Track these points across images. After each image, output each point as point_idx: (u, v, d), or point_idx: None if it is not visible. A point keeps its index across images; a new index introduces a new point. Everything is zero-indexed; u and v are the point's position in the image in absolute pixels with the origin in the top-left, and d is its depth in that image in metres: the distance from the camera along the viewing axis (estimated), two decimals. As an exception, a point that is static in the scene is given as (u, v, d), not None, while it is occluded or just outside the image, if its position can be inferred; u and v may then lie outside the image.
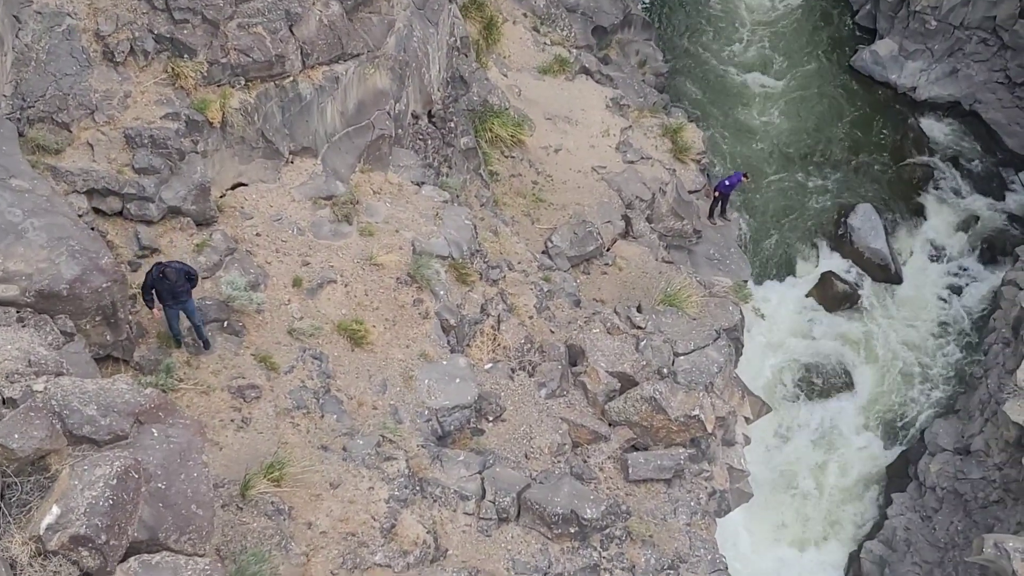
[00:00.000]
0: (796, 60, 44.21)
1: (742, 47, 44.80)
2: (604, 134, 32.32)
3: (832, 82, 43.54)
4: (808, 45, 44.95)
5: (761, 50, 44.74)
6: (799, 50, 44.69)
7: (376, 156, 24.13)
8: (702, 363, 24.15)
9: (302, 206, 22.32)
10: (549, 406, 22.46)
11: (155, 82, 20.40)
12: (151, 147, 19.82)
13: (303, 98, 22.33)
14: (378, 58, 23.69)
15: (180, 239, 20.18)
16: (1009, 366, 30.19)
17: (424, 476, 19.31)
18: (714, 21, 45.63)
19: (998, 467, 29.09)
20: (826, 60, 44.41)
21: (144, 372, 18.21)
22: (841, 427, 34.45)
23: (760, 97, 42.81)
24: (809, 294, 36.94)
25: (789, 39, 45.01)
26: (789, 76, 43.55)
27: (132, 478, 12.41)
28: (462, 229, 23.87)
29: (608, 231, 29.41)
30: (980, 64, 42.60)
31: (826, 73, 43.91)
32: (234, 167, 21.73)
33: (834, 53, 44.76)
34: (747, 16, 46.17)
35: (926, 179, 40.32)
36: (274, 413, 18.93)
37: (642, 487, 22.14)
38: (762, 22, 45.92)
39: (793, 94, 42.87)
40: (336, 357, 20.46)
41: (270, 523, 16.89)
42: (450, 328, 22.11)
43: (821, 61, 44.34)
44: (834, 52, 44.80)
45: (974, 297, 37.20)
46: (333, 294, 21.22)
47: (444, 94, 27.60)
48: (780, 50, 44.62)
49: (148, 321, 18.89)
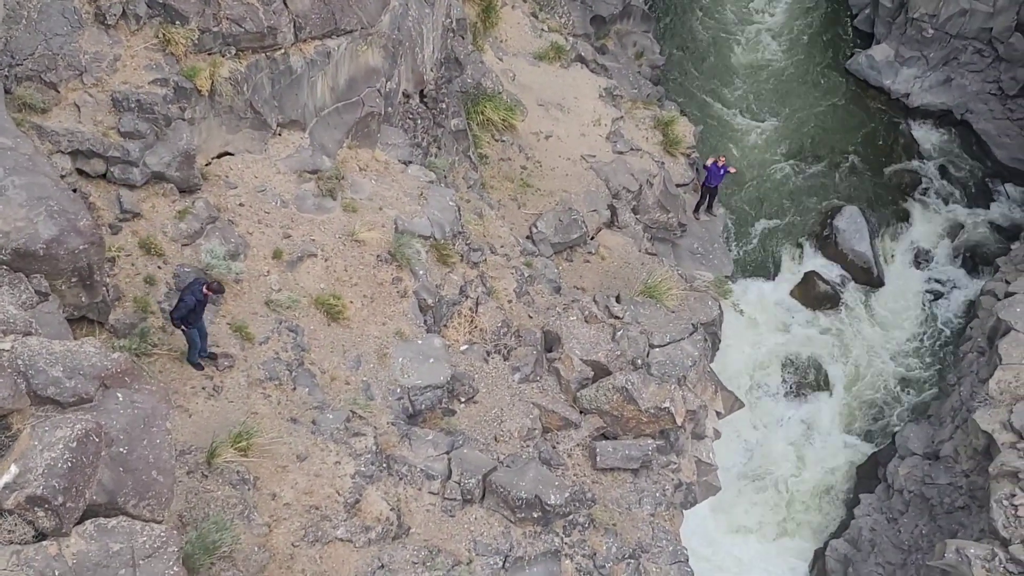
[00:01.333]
0: (793, 59, 44.08)
1: (740, 44, 44.66)
2: (595, 123, 32.23)
3: (827, 84, 43.44)
4: (806, 45, 44.82)
5: (759, 48, 44.61)
6: (797, 49, 44.56)
7: (364, 133, 24.01)
8: (677, 356, 24.14)
9: (287, 179, 22.21)
10: (522, 390, 22.45)
11: (145, 47, 20.22)
12: (138, 111, 19.66)
13: (294, 71, 22.19)
14: (371, 35, 23.55)
15: (162, 205, 20.06)
16: (982, 375, 30.22)
17: (392, 453, 19.31)
18: (714, 17, 45.47)
19: (965, 474, 29.14)
20: (822, 61, 44.30)
21: (119, 335, 18.13)
22: (814, 426, 34.48)
23: (753, 95, 42.70)
24: (791, 293, 36.93)
25: (786, 40, 44.88)
26: (783, 76, 43.43)
27: (92, 441, 12.36)
28: (446, 210, 23.78)
29: (593, 220, 29.34)
30: (974, 74, 42.54)
31: (821, 74, 43.79)
32: (221, 136, 21.59)
33: (831, 55, 44.65)
34: (747, 14, 46.02)
35: (914, 185, 40.30)
36: (246, 383, 18.88)
37: (609, 476, 22.17)
38: (762, 21, 45.76)
39: (786, 93, 42.77)
40: (312, 331, 20.40)
41: (234, 492, 16.88)
42: (428, 308, 22.06)
43: (817, 62, 44.23)
44: (831, 54, 44.69)
45: (953, 305, 37.23)
46: (313, 268, 21.15)
47: (437, 75, 27.47)
48: (778, 48, 44.50)
49: (125, 284, 18.81)
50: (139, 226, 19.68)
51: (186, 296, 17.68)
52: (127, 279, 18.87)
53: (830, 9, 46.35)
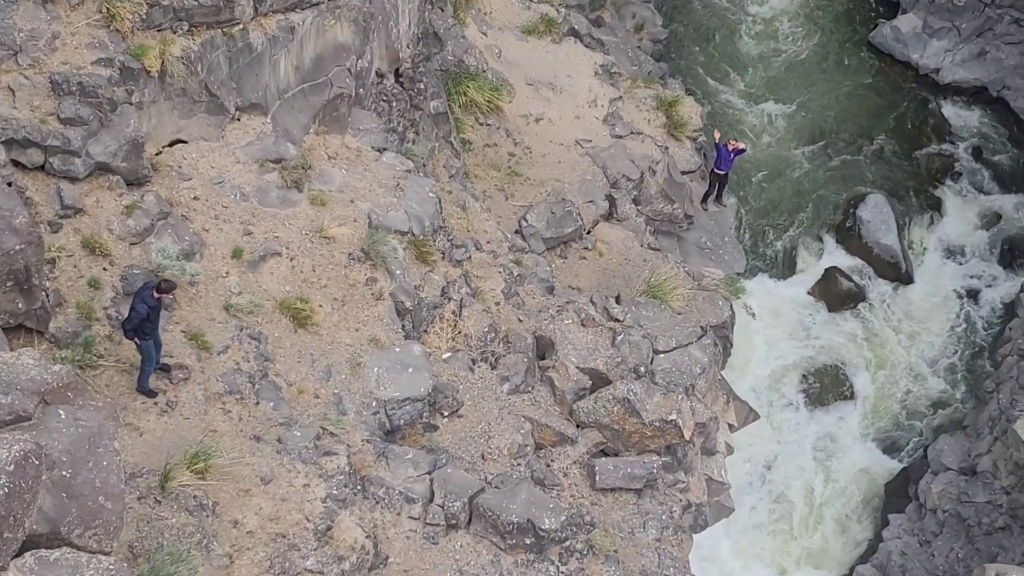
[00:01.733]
0: (810, 32, 44.19)
1: (752, 16, 44.77)
2: (591, 104, 32.28)
3: (848, 59, 43.55)
4: (825, 17, 44.95)
5: (773, 19, 44.71)
6: (814, 22, 44.67)
7: (333, 117, 24.01)
8: (684, 363, 24.20)
9: (247, 169, 22.20)
10: (511, 403, 22.46)
11: (87, 23, 20.19)
12: (79, 95, 19.61)
13: (253, 49, 22.18)
14: (340, 8, 23.56)
15: (107, 199, 20.02)
16: (1023, 381, 30.35)
17: (367, 474, 19.30)
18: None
19: (1005, 491, 29.26)
20: (843, 34, 44.41)
21: (60, 346, 18.09)
22: (838, 439, 34.55)
23: (767, 71, 42.78)
24: (810, 291, 37.00)
25: (804, 9, 44.99)
26: (801, 51, 43.52)
27: (32, 464, 12.33)
28: (425, 202, 23.80)
29: (589, 212, 29.39)
30: (1011, 47, 42.65)
31: (842, 48, 43.91)
32: (172, 122, 21.57)
33: (852, 27, 44.77)
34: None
35: (945, 170, 40.40)
36: (203, 397, 18.85)
37: (609, 496, 22.20)
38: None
39: (803, 70, 42.86)
40: (277, 338, 20.39)
41: (191, 519, 16.84)
42: (406, 312, 22.06)
43: (837, 35, 44.34)
44: (852, 26, 44.81)
45: (990, 303, 37.33)
46: (277, 268, 21.13)
47: (414, 52, 27.49)
48: (793, 20, 44.60)
49: (67, 289, 18.77)
50: (82, 223, 19.61)
51: (137, 304, 17.56)
52: (69, 283, 18.81)
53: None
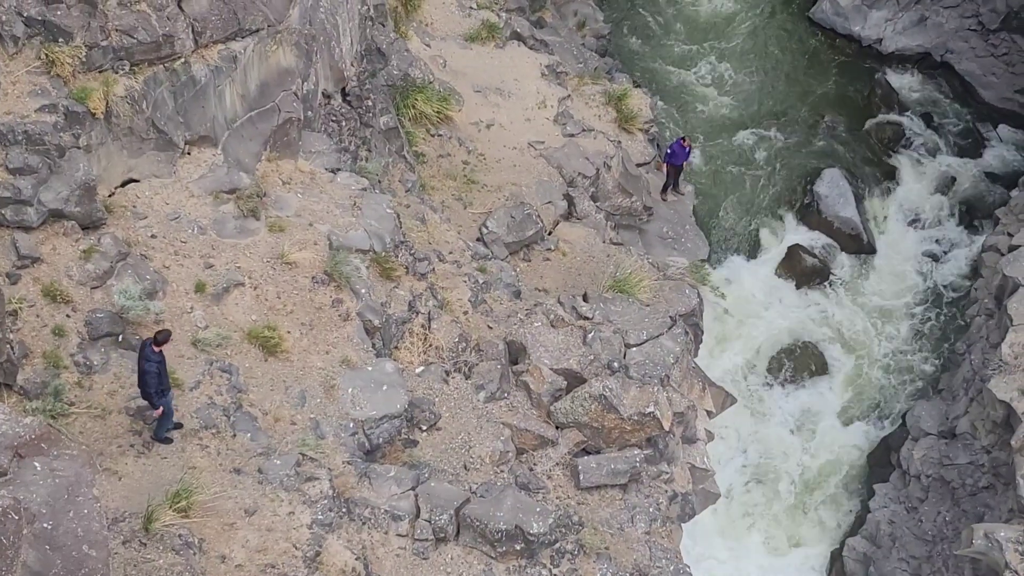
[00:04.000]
0: (750, 13, 44.41)
1: (692, 3, 44.93)
2: (540, 106, 32.34)
3: (790, 36, 43.81)
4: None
5: (713, 4, 44.90)
6: (754, 2, 44.89)
7: (284, 142, 23.97)
8: (656, 354, 24.27)
9: (202, 202, 22.12)
10: (489, 410, 22.47)
11: (27, 71, 20.09)
12: (26, 144, 19.52)
13: (197, 81, 22.11)
14: (280, 33, 23.53)
15: (64, 246, 19.92)
16: (993, 339, 30.57)
17: (351, 496, 19.26)
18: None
19: (986, 450, 29.45)
20: (783, 12, 44.66)
21: (30, 397, 18.00)
22: (816, 415, 34.73)
23: (712, 56, 42.97)
24: (776, 271, 37.18)
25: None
26: (743, 32, 43.75)
27: (11, 519, 12.27)
28: (384, 219, 23.78)
29: (549, 212, 29.42)
30: (950, 11, 43.01)
31: (783, 26, 44.16)
32: (123, 162, 21.48)
33: (791, 4, 45.02)
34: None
35: (897, 139, 40.70)
36: (179, 435, 18.80)
37: (595, 494, 22.23)
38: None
39: (748, 51, 43.09)
40: (248, 368, 20.34)
41: (178, 559, 16.79)
42: (375, 330, 22.04)
43: (777, 13, 44.59)
44: (791, 3, 45.06)
45: (954, 265, 37.63)
46: (241, 298, 21.08)
47: (359, 69, 27.49)
48: (733, 3, 44.80)
49: (32, 339, 18.65)
50: (40, 272, 19.53)
51: (145, 367, 17.77)
52: (33, 332, 18.71)
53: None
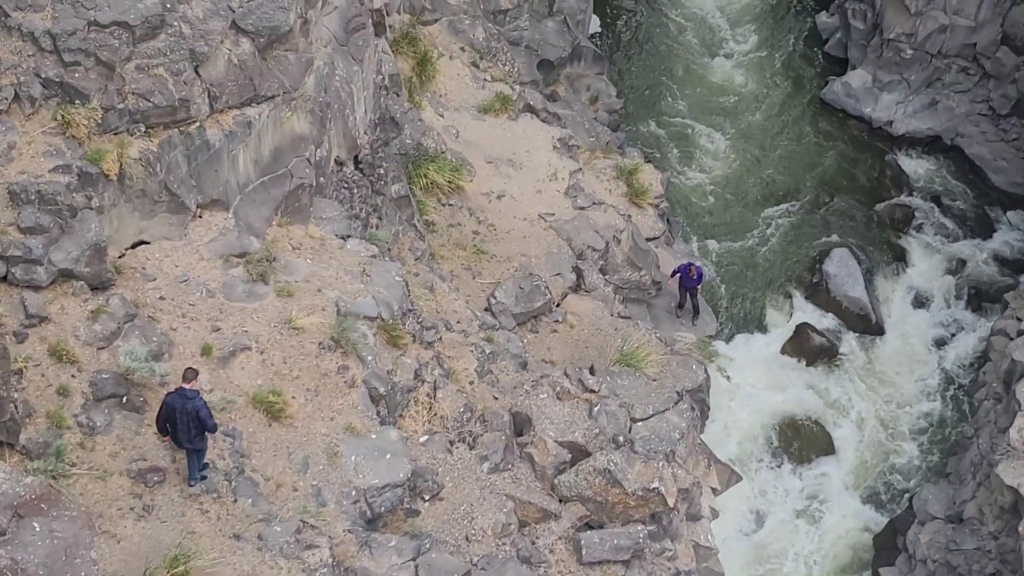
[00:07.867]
0: (762, 94, 44.81)
1: (705, 82, 45.35)
2: (551, 178, 32.49)
3: (802, 117, 44.16)
4: (775, 77, 45.63)
5: (724, 84, 45.31)
6: (765, 83, 45.33)
7: (295, 208, 24.05)
8: (662, 429, 24.13)
9: (212, 265, 22.17)
10: (492, 482, 22.32)
11: (43, 131, 20.24)
12: (39, 203, 19.60)
13: (211, 146, 22.24)
14: (295, 100, 23.70)
15: (72, 306, 19.94)
16: (1001, 424, 30.45)
17: (351, 565, 19.09)
18: (673, 54, 46.16)
19: (993, 536, 29.24)
20: (794, 93, 45.06)
21: (31, 457, 17.85)
22: (822, 495, 34.56)
23: (724, 133, 43.29)
24: (783, 349, 37.13)
25: (754, 72, 45.66)
26: (755, 111, 44.11)
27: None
28: (392, 286, 23.80)
29: (557, 285, 29.44)
30: (961, 95, 43.39)
31: (795, 107, 44.52)
32: (134, 224, 21.55)
33: (803, 86, 45.44)
34: (708, 48, 46.79)
35: (907, 220, 40.86)
36: (180, 499, 18.64)
37: (597, 570, 22.02)
38: (724, 54, 46.54)
39: (760, 129, 43.41)
40: (251, 433, 20.24)
41: (175, 625, 16.60)
42: (380, 397, 21.97)
43: (789, 94, 44.98)
44: (803, 85, 45.48)
45: (962, 348, 37.58)
46: (247, 363, 21.03)
47: (372, 137, 27.66)
48: (744, 84, 45.24)
49: (36, 398, 18.60)
50: (48, 331, 19.51)
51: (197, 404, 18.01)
52: (37, 392, 18.66)
53: (799, 36, 47.16)
